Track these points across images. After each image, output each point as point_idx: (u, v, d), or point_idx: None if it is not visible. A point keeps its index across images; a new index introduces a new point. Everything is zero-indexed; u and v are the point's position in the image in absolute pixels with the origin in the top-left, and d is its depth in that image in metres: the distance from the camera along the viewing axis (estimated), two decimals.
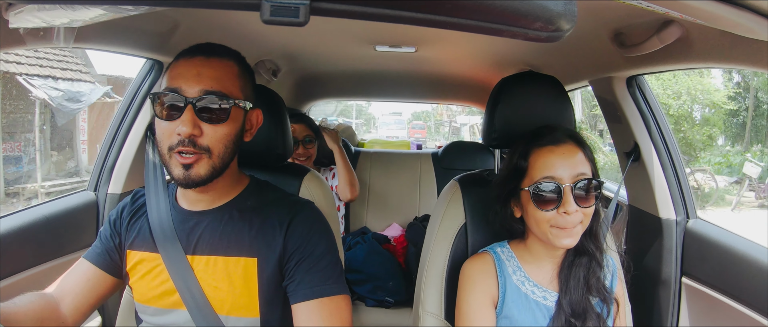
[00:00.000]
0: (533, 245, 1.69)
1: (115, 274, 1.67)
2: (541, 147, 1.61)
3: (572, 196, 1.52)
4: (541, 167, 1.58)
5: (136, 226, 1.67)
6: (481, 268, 1.70)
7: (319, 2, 0.83)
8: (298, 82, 4.41)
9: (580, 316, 1.61)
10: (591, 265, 1.65)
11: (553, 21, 0.84)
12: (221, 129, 1.48)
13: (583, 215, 1.55)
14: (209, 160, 1.47)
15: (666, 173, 2.46)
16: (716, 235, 2.28)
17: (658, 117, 2.47)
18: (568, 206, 1.52)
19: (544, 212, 1.55)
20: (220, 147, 1.48)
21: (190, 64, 1.48)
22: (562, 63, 2.84)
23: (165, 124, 1.46)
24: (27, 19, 1.28)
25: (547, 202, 1.55)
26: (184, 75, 1.46)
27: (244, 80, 1.58)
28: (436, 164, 4.36)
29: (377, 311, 3.22)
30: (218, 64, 1.51)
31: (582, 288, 1.63)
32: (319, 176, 2.08)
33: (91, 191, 2.56)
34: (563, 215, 1.53)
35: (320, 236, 1.63)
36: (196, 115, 1.44)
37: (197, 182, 1.47)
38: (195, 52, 1.51)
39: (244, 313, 1.58)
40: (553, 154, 1.58)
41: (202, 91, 1.44)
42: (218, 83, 1.47)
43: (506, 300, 1.65)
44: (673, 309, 2.43)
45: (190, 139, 1.43)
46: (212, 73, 1.47)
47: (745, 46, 1.48)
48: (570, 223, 1.53)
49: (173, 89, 1.45)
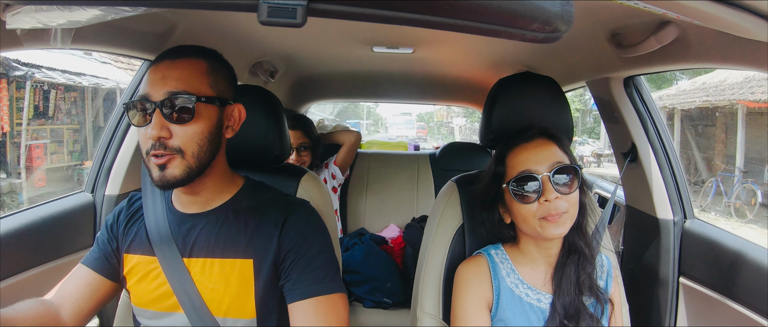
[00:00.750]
0: (526, 247, 1.70)
1: (113, 278, 1.67)
2: (514, 147, 1.65)
3: (551, 184, 1.54)
4: (516, 165, 1.62)
5: (133, 229, 1.67)
6: (475, 271, 1.70)
7: (316, 3, 0.83)
8: (295, 83, 4.41)
9: (573, 317, 1.61)
10: (581, 262, 1.65)
11: (550, 22, 0.84)
12: (191, 128, 1.47)
13: (567, 203, 1.56)
14: (183, 160, 1.47)
15: (663, 173, 2.47)
16: (714, 235, 2.28)
17: (655, 117, 2.47)
18: (549, 194, 1.54)
19: (527, 206, 1.57)
20: (193, 146, 1.48)
21: (157, 69, 1.49)
22: (559, 64, 2.84)
23: (140, 130, 1.48)
24: (24, 21, 1.28)
25: (528, 195, 1.57)
26: (152, 80, 1.48)
27: (216, 76, 1.56)
28: (433, 165, 4.36)
29: (375, 312, 3.22)
30: (184, 64, 1.50)
31: (574, 287, 1.63)
32: (317, 177, 2.08)
33: (88, 193, 2.56)
34: (546, 204, 1.54)
35: (315, 235, 1.63)
36: (164, 118, 1.44)
37: (173, 183, 1.48)
38: (163, 57, 1.52)
39: (241, 315, 1.57)
40: (526, 150, 1.62)
41: (166, 93, 1.44)
42: (183, 83, 1.47)
43: (500, 303, 1.65)
44: (670, 309, 2.44)
45: (160, 142, 1.44)
46: (177, 74, 1.48)
47: (741, 46, 1.49)
48: (555, 210, 1.54)
49: (143, 96, 1.46)
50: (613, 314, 1.72)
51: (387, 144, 7.07)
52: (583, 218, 1.66)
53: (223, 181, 1.65)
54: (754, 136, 13.79)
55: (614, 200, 2.95)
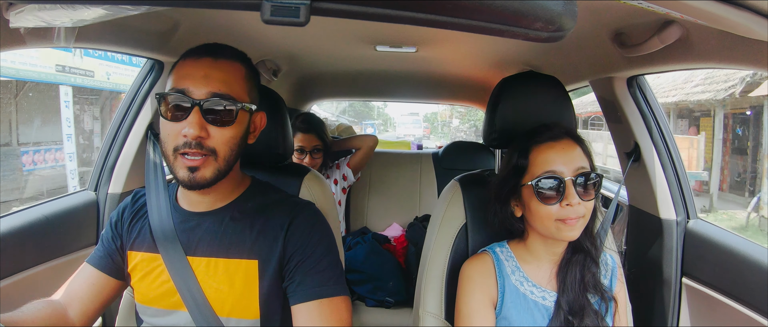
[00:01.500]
0: (533, 244, 1.69)
1: (118, 276, 1.68)
2: (540, 144, 1.63)
3: (574, 189, 1.54)
4: (541, 163, 1.60)
5: (137, 227, 1.68)
6: (480, 269, 1.70)
7: (319, 2, 0.83)
8: (298, 82, 4.41)
9: (578, 313, 1.61)
10: (586, 262, 1.66)
11: (553, 21, 0.84)
12: (228, 131, 1.48)
13: (585, 208, 1.56)
14: (215, 163, 1.47)
15: (666, 173, 2.46)
16: (717, 235, 2.27)
17: (658, 117, 2.46)
18: (572, 198, 1.54)
19: (548, 207, 1.56)
20: (226, 149, 1.49)
21: (198, 65, 1.48)
22: (562, 63, 2.84)
23: (170, 124, 1.47)
24: (28, 19, 1.28)
25: (550, 197, 1.56)
26: (192, 76, 1.47)
27: (251, 83, 1.58)
28: (436, 164, 4.36)
29: (377, 311, 3.22)
30: (226, 66, 1.51)
31: (578, 285, 1.64)
32: (320, 176, 2.08)
33: (91, 191, 2.56)
34: (567, 208, 1.54)
35: (320, 237, 1.63)
36: (203, 117, 1.44)
37: (202, 185, 1.48)
38: (203, 53, 1.51)
39: (245, 315, 1.58)
40: (553, 149, 1.60)
41: (209, 94, 1.44)
42: (226, 86, 1.47)
43: (505, 300, 1.65)
44: (673, 309, 2.43)
45: (196, 141, 1.43)
46: (220, 76, 1.48)
47: (745, 46, 1.48)
48: (573, 214, 1.54)
49: (180, 90, 1.45)
50: (617, 313, 1.72)
51: (390, 143, 7.07)
52: (591, 220, 1.66)
53: (235, 182, 1.66)
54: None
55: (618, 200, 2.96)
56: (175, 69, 1.53)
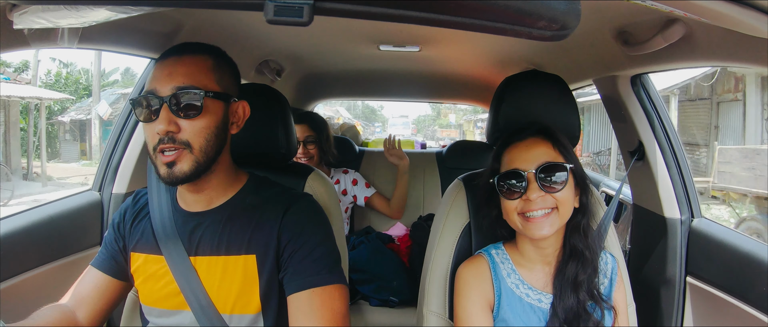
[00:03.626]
0: (523, 247, 1.70)
1: (122, 278, 1.69)
2: (508, 145, 1.68)
3: (537, 182, 1.56)
4: (508, 162, 1.65)
5: (139, 228, 1.69)
6: (476, 272, 1.71)
7: (322, 2, 0.83)
8: (302, 82, 4.41)
9: (574, 319, 1.61)
10: (580, 264, 1.65)
11: (557, 20, 0.84)
12: (198, 122, 1.49)
13: (554, 200, 1.57)
14: (191, 155, 1.48)
15: (670, 172, 2.46)
16: (721, 234, 2.27)
17: (662, 116, 2.46)
18: (531, 192, 1.56)
19: (510, 201, 1.60)
20: (201, 140, 1.49)
21: (163, 66, 1.52)
22: (566, 62, 2.83)
23: (147, 126, 1.50)
24: (31, 20, 1.29)
25: (513, 191, 1.60)
26: (158, 76, 1.50)
27: (221, 72, 1.58)
28: (440, 164, 4.35)
29: (381, 311, 3.21)
30: (189, 59, 1.53)
31: (573, 291, 1.63)
32: (323, 175, 2.08)
33: (95, 191, 2.56)
34: (528, 201, 1.56)
35: (315, 226, 1.64)
36: (172, 112, 1.46)
37: (181, 179, 1.49)
38: (168, 54, 1.55)
39: (247, 310, 1.59)
40: (517, 148, 1.65)
41: (174, 88, 1.46)
42: (190, 78, 1.49)
43: (501, 303, 1.66)
44: (677, 309, 2.43)
45: (169, 136, 1.45)
46: (183, 70, 1.50)
47: (749, 44, 1.48)
48: (536, 207, 1.56)
49: (149, 91, 1.48)
50: (617, 318, 1.71)
51: None
52: (583, 218, 1.66)
53: (228, 178, 1.66)
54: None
55: (620, 199, 2.95)
56: (149, 74, 1.56)
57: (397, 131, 35.38)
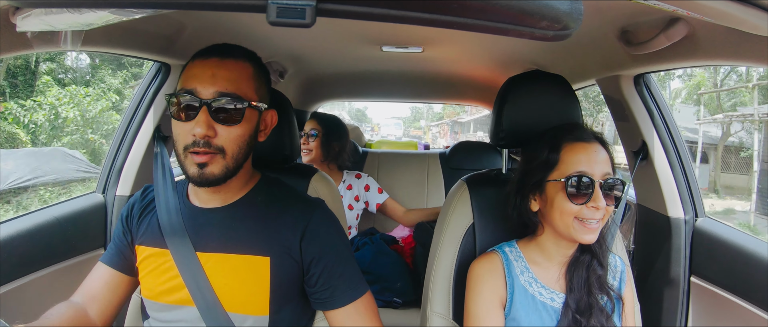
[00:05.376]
0: (545, 242, 1.70)
1: (130, 272, 1.70)
2: (573, 141, 1.64)
3: (601, 192, 1.56)
4: (574, 161, 1.61)
5: (146, 221, 1.70)
6: (489, 268, 1.70)
7: (325, 3, 0.83)
8: (304, 83, 4.41)
9: (585, 312, 1.62)
10: (593, 263, 1.67)
11: (559, 20, 0.84)
12: (235, 130, 1.50)
13: (606, 213, 1.58)
14: (223, 160, 1.49)
15: (674, 172, 2.45)
16: (725, 234, 2.27)
17: (665, 115, 2.46)
18: (598, 201, 1.55)
19: (573, 205, 1.57)
20: (234, 147, 1.51)
21: (205, 65, 1.51)
22: (569, 62, 2.83)
23: (181, 124, 1.49)
24: (34, 23, 1.29)
25: (579, 195, 1.57)
26: (199, 76, 1.49)
27: (259, 81, 1.59)
28: (443, 164, 4.35)
29: (385, 312, 3.21)
30: (233, 65, 1.53)
31: (585, 284, 1.64)
32: (327, 177, 2.09)
33: (99, 193, 2.57)
34: (591, 209, 1.56)
35: (339, 238, 1.68)
36: (211, 116, 1.46)
37: (211, 181, 1.50)
38: (210, 53, 1.54)
39: (253, 311, 1.59)
40: (585, 151, 1.61)
41: (216, 93, 1.47)
42: (233, 85, 1.49)
43: (514, 301, 1.65)
44: (681, 308, 2.43)
45: (204, 140, 1.45)
46: (227, 75, 1.50)
47: (751, 43, 1.48)
48: (595, 217, 1.56)
49: (188, 90, 1.47)
50: (625, 313, 1.72)
51: (397, 143, 7.07)
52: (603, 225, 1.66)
53: (244, 179, 1.67)
54: None
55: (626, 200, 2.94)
56: (184, 70, 1.55)
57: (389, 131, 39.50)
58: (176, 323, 1.62)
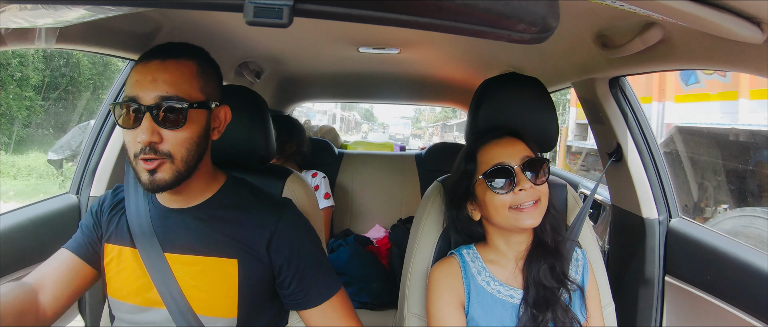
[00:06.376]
0: (496, 243, 1.72)
1: (95, 265, 1.67)
2: (485, 143, 1.70)
3: (523, 175, 1.59)
4: (489, 159, 1.66)
5: (115, 219, 1.67)
6: (447, 272, 1.72)
7: (302, 4, 0.83)
8: (281, 84, 4.39)
9: (542, 306, 1.63)
10: (547, 255, 1.68)
11: (536, 23, 0.85)
12: (181, 133, 1.46)
13: (538, 193, 1.60)
14: (172, 165, 1.46)
15: (648, 173, 2.48)
16: (698, 234, 2.30)
17: (639, 118, 2.49)
18: (523, 183, 1.58)
19: (501, 196, 1.60)
20: (182, 151, 1.47)
21: (146, 70, 1.46)
22: (545, 65, 2.85)
23: (128, 132, 1.46)
24: (9, 20, 1.27)
25: (502, 185, 1.61)
26: (141, 82, 1.45)
27: (205, 78, 1.55)
28: (419, 166, 4.36)
29: (361, 313, 3.20)
30: (174, 66, 1.48)
31: (540, 277, 1.66)
32: (302, 178, 2.08)
33: (73, 194, 2.54)
34: (520, 193, 1.59)
35: (309, 238, 1.67)
36: (155, 122, 1.42)
37: (162, 187, 1.47)
38: (151, 56, 1.49)
39: (221, 314, 1.58)
40: (498, 145, 1.67)
41: (158, 98, 1.43)
42: (174, 87, 1.45)
43: (471, 301, 1.67)
44: (656, 308, 2.46)
45: (150, 147, 1.42)
46: (167, 77, 1.46)
47: (726, 48, 1.50)
48: (526, 199, 1.59)
49: (131, 97, 1.44)
50: (589, 306, 1.73)
51: (372, 144, 7.07)
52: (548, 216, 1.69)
53: (207, 179, 1.65)
54: None
55: (599, 200, 2.97)
56: (130, 74, 1.51)
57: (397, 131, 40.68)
58: (146, 325, 1.60)
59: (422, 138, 45.66)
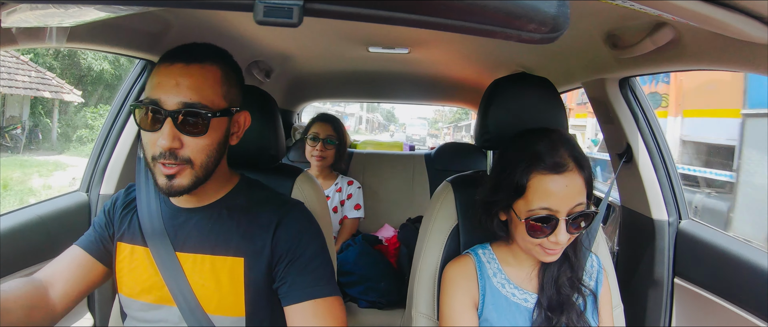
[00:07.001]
0: (516, 249, 1.69)
1: (106, 263, 1.68)
2: (543, 172, 1.52)
3: (565, 227, 1.50)
4: (540, 195, 1.52)
5: (127, 218, 1.68)
6: (461, 271, 1.71)
7: (312, 3, 0.82)
8: (291, 83, 4.40)
9: (556, 310, 1.62)
10: (564, 263, 1.66)
11: (546, 23, 0.84)
12: (202, 141, 1.46)
13: (570, 238, 1.55)
14: (192, 171, 1.47)
15: (658, 174, 2.47)
16: (709, 236, 2.29)
17: (650, 118, 2.47)
18: (560, 236, 1.50)
19: (534, 238, 1.54)
20: (202, 157, 1.47)
21: (169, 73, 1.45)
22: (555, 65, 2.84)
23: (147, 134, 1.46)
24: (20, 19, 1.28)
25: (540, 231, 1.52)
26: (163, 85, 1.44)
27: (229, 84, 1.54)
28: (428, 165, 4.36)
29: (370, 312, 3.21)
30: (198, 71, 1.47)
31: (555, 282, 1.65)
32: (312, 177, 2.08)
33: (83, 192, 2.55)
34: (553, 243, 1.52)
35: (311, 237, 1.64)
36: (176, 128, 1.42)
37: (180, 192, 1.47)
38: (175, 58, 1.48)
39: (230, 313, 1.58)
40: (556, 183, 1.50)
41: (180, 104, 1.42)
42: (197, 93, 1.44)
43: (486, 302, 1.66)
44: (665, 310, 2.44)
45: (170, 152, 1.42)
46: (191, 83, 1.45)
47: (738, 48, 1.49)
48: (556, 248, 1.54)
49: (153, 101, 1.43)
50: (601, 314, 1.72)
51: (382, 144, 7.06)
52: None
53: (222, 181, 1.66)
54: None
55: (609, 201, 2.95)
56: (152, 74, 1.50)
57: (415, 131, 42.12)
58: (158, 323, 1.61)
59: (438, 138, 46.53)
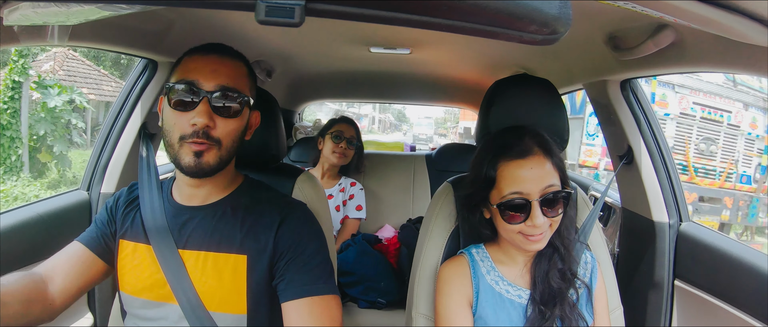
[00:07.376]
0: (506, 246, 1.72)
1: (106, 260, 1.69)
2: (509, 160, 1.60)
3: (540, 210, 1.54)
4: (509, 181, 1.58)
5: (130, 216, 1.70)
6: (456, 270, 1.72)
7: (314, 3, 0.83)
8: (292, 83, 4.40)
9: (549, 302, 1.63)
10: (554, 256, 1.68)
11: (548, 24, 0.84)
12: (232, 123, 1.55)
13: (551, 222, 1.57)
14: (218, 151, 1.53)
15: (659, 176, 2.47)
16: (709, 238, 2.28)
17: (651, 120, 2.47)
18: (536, 219, 1.54)
19: (512, 225, 1.58)
20: (229, 140, 1.55)
21: (206, 60, 1.56)
22: (556, 66, 2.84)
23: (178, 114, 1.52)
24: (22, 17, 1.28)
25: (515, 216, 1.57)
26: (201, 69, 1.54)
27: (251, 82, 1.67)
28: (429, 166, 4.35)
29: (370, 313, 3.21)
30: (231, 63, 1.60)
31: (546, 275, 1.66)
32: (313, 177, 2.09)
33: (84, 190, 2.55)
34: (530, 226, 1.55)
35: (311, 236, 1.66)
36: (211, 108, 1.50)
37: (206, 171, 1.52)
38: (209, 50, 1.60)
39: (231, 310, 1.59)
40: (522, 167, 1.57)
41: (218, 86, 1.52)
42: (232, 80, 1.56)
43: (480, 300, 1.67)
44: (665, 312, 2.44)
45: (204, 131, 1.49)
46: (227, 71, 1.57)
47: (739, 50, 1.49)
48: (537, 231, 1.56)
49: (190, 81, 1.51)
50: (596, 309, 1.73)
51: (383, 144, 7.06)
52: (562, 224, 1.66)
53: (228, 180, 1.70)
54: None
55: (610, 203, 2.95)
56: (181, 63, 1.59)
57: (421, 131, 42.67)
58: (159, 321, 1.61)
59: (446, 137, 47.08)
